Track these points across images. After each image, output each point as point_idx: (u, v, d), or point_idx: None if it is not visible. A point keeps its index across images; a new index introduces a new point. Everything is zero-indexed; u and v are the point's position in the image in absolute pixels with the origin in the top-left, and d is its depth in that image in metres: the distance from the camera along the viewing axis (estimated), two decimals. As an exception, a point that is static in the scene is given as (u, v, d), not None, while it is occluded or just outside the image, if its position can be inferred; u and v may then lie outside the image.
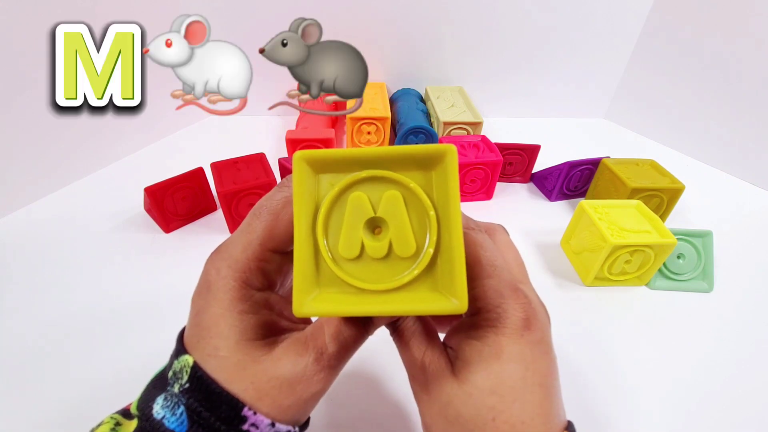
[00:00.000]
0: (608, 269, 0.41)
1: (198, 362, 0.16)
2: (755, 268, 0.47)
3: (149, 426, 0.16)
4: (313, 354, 0.17)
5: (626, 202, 0.44)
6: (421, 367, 0.18)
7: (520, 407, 0.16)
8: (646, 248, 0.40)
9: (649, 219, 0.42)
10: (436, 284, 0.15)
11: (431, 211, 0.15)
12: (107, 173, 0.60)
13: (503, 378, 0.16)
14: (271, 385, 0.16)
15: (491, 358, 0.16)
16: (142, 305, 0.39)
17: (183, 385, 0.16)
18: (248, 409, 0.16)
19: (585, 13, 0.73)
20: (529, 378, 0.16)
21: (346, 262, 0.15)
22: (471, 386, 0.16)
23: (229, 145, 0.64)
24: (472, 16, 0.72)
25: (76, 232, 0.48)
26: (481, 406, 0.16)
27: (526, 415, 0.16)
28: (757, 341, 0.38)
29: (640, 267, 0.42)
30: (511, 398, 0.16)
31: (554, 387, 0.17)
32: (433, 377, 0.17)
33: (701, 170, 0.68)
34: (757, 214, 0.57)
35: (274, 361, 0.16)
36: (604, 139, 0.79)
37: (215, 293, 0.17)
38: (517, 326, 0.17)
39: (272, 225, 0.17)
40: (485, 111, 0.78)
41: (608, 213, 0.43)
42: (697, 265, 0.43)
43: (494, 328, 0.17)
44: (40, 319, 0.38)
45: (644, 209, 0.43)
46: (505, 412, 0.16)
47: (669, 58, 0.73)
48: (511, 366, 0.16)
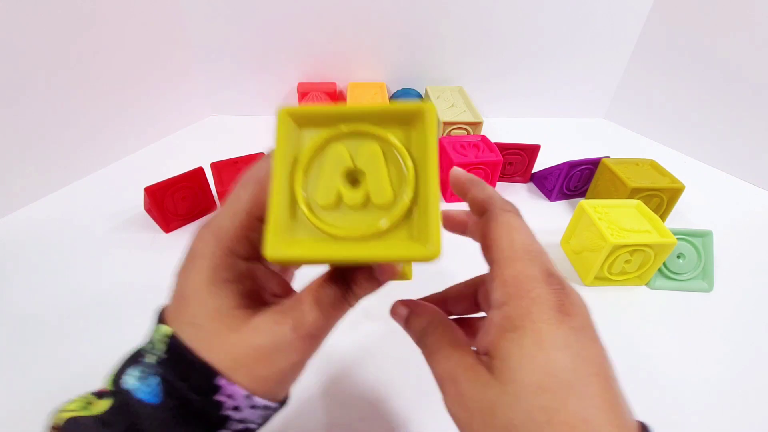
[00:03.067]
0: (608, 269, 0.41)
1: (176, 332, 0.16)
2: (755, 268, 0.47)
3: (121, 398, 0.15)
4: (291, 322, 0.16)
5: (626, 201, 0.45)
6: (453, 379, 0.16)
7: (577, 402, 0.13)
8: (646, 248, 0.40)
9: (649, 219, 0.42)
10: (412, 233, 0.15)
11: (409, 162, 0.15)
12: (107, 173, 0.60)
13: (550, 370, 0.14)
14: (247, 354, 0.16)
15: (533, 349, 0.14)
16: (142, 305, 0.39)
17: (160, 357, 0.16)
18: (222, 378, 0.15)
19: (585, 13, 0.73)
20: (581, 368, 0.14)
21: (322, 211, 0.15)
22: (516, 386, 0.14)
23: (229, 145, 0.64)
24: (472, 16, 0.72)
25: (76, 232, 0.48)
26: (531, 408, 0.14)
27: (587, 411, 0.13)
28: (757, 341, 0.38)
29: (640, 266, 0.42)
30: (565, 393, 0.13)
31: (614, 378, 0.15)
32: (469, 387, 0.16)
33: (701, 170, 0.68)
34: (757, 214, 0.57)
35: (251, 331, 0.16)
36: (604, 139, 0.79)
37: (200, 262, 0.16)
38: (555, 312, 0.15)
39: (259, 193, 0.17)
40: (485, 111, 0.78)
41: (608, 213, 0.43)
42: (697, 265, 0.43)
43: (530, 315, 0.15)
44: (39, 318, 0.38)
45: (644, 209, 0.43)
46: (561, 410, 0.13)
47: (669, 58, 0.73)
48: (558, 354, 0.14)
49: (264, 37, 0.72)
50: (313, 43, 0.74)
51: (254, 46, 0.73)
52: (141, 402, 0.15)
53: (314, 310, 0.16)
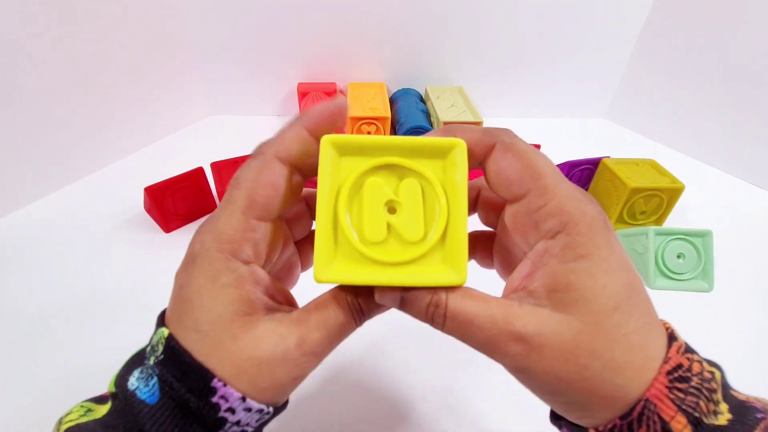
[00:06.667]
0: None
1: (174, 334, 0.16)
2: (755, 268, 0.47)
3: (123, 398, 0.15)
4: (296, 338, 0.16)
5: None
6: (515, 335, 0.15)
7: (638, 312, 0.15)
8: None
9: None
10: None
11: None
12: (107, 173, 0.60)
13: (618, 290, 0.15)
14: (249, 364, 0.16)
15: (603, 276, 0.15)
16: (142, 305, 0.39)
17: (158, 357, 0.16)
18: (218, 381, 0.15)
19: (585, 12, 0.73)
20: (633, 280, 0.15)
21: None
22: (595, 315, 0.15)
23: (229, 145, 0.64)
24: (472, 16, 0.72)
25: (76, 232, 0.48)
26: (609, 328, 0.15)
27: (647, 317, 0.15)
28: (757, 341, 0.38)
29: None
30: (629, 307, 0.15)
31: None
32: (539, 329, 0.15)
33: (701, 170, 0.68)
34: (757, 214, 0.57)
35: (254, 341, 0.16)
36: (604, 139, 0.79)
37: (200, 266, 0.16)
38: (606, 230, 0.15)
39: (252, 192, 0.17)
40: (485, 111, 0.78)
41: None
42: (697, 265, 0.43)
43: (593, 240, 0.15)
44: (39, 319, 0.38)
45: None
46: (630, 322, 0.15)
47: (669, 58, 0.73)
48: (620, 275, 0.15)
49: (264, 37, 0.72)
50: (313, 43, 0.74)
51: (254, 46, 0.73)
52: (142, 402, 0.15)
53: (321, 329, 0.16)
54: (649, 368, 0.15)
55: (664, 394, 0.14)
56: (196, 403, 0.15)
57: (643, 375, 0.15)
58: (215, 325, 0.16)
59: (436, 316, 0.16)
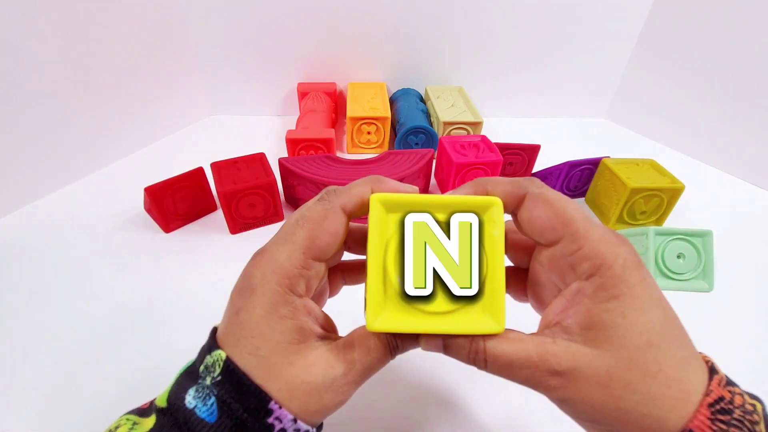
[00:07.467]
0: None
1: (231, 357, 0.17)
2: (755, 268, 0.47)
3: (181, 415, 0.17)
4: (343, 368, 0.18)
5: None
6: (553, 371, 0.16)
7: (676, 346, 0.16)
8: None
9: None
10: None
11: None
12: (107, 173, 0.60)
13: (652, 327, 0.16)
14: (302, 389, 0.17)
15: (636, 314, 0.16)
16: (142, 305, 0.39)
17: (215, 378, 0.17)
18: (274, 403, 0.17)
19: (585, 12, 0.73)
20: (669, 316, 0.17)
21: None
22: (628, 350, 0.16)
23: (229, 145, 0.64)
24: (472, 16, 0.72)
25: (76, 231, 0.48)
26: (644, 363, 0.16)
27: (684, 350, 0.16)
28: (757, 341, 0.38)
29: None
30: (666, 342, 0.16)
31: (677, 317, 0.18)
32: (573, 364, 0.16)
33: (701, 170, 0.68)
34: (757, 214, 0.57)
35: (307, 368, 0.18)
36: (604, 139, 0.79)
37: (260, 296, 0.18)
38: (639, 270, 0.16)
39: (314, 235, 0.18)
40: (485, 111, 0.78)
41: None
42: (697, 265, 0.43)
43: (625, 282, 0.16)
44: (39, 319, 0.38)
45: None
46: (667, 356, 0.16)
47: (669, 58, 0.73)
48: (655, 312, 0.16)
49: (264, 37, 0.72)
50: (313, 43, 0.74)
51: (254, 46, 0.73)
52: (202, 420, 0.16)
53: (363, 361, 0.18)
54: (687, 401, 0.15)
55: (707, 425, 0.15)
56: (252, 423, 0.16)
57: (682, 408, 0.15)
58: (274, 352, 0.17)
59: (477, 360, 0.18)
